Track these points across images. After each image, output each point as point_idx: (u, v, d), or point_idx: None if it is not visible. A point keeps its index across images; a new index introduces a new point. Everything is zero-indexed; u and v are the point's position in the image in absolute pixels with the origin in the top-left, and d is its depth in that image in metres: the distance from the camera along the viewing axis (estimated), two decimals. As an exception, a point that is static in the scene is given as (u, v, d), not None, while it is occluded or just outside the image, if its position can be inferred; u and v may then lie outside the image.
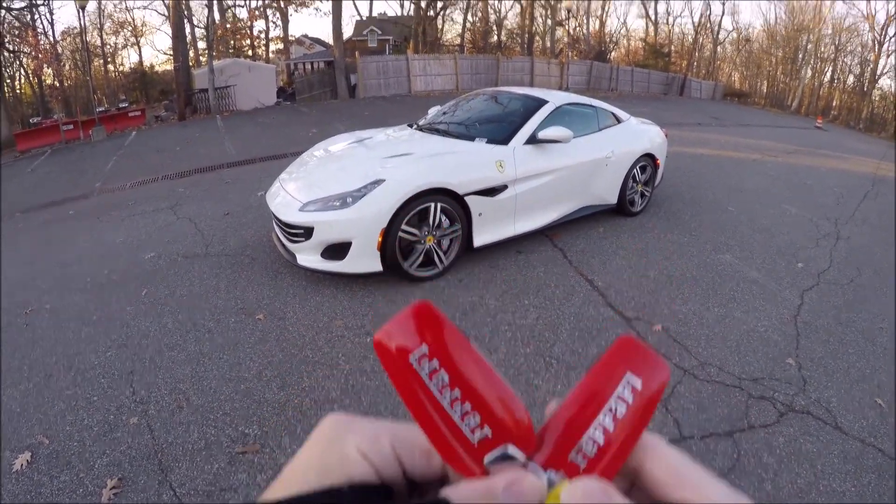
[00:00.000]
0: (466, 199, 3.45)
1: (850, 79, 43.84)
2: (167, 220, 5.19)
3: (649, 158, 4.94)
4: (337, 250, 3.22)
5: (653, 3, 42.49)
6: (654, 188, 5.31)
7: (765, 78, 48.50)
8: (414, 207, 3.24)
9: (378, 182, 3.22)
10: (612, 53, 40.78)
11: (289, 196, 3.45)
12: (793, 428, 2.44)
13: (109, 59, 36.44)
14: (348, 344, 2.91)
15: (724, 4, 43.98)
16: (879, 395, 2.77)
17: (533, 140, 3.91)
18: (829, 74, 44.50)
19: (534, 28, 32.01)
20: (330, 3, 18.59)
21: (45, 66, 23.67)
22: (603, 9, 38.49)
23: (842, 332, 3.36)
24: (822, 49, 42.39)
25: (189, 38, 24.70)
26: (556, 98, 4.42)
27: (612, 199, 4.73)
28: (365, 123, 11.48)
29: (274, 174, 6.74)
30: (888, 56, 39.77)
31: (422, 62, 18.74)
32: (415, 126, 4.70)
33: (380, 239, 3.20)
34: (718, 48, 45.92)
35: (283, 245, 3.55)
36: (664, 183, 5.98)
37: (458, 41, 32.95)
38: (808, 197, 6.95)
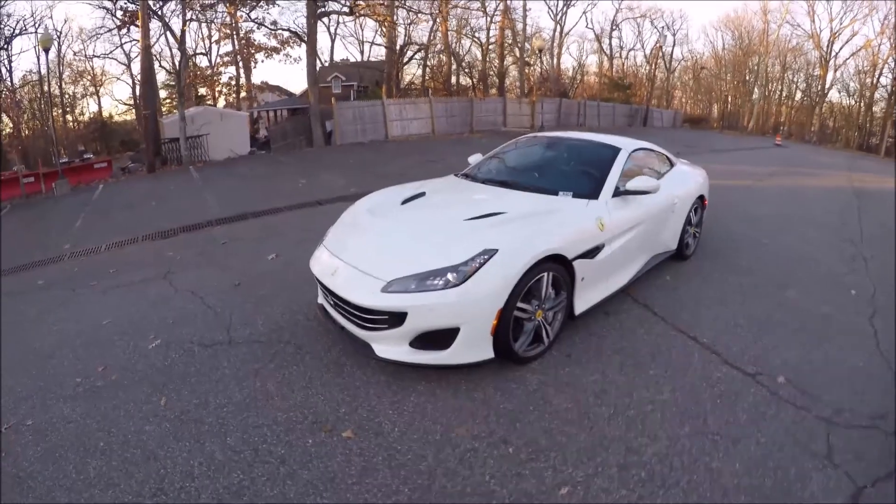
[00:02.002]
0: (574, 263, 2.97)
1: (798, 95, 46.89)
2: (162, 292, 4.38)
3: (699, 200, 4.88)
4: (436, 339, 2.58)
5: (608, 39, 44.62)
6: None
7: (716, 102, 51.39)
8: (528, 280, 2.69)
9: (488, 252, 2.61)
10: (574, 89, 42.25)
11: (355, 270, 2.80)
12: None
13: (68, 109, 34.96)
14: (490, 460, 2.23)
15: (674, 36, 46.50)
16: None
17: (618, 192, 3.54)
18: (777, 93, 47.47)
19: (504, 68, 32.71)
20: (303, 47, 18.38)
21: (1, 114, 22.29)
22: (560, 47, 39.97)
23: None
24: (770, 70, 45.32)
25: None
26: (624, 144, 4.11)
27: (674, 244, 4.48)
28: (353, 172, 11.04)
29: (275, 233, 6.05)
30: (835, 70, 43.18)
31: (397, 107, 18.67)
32: (465, 176, 4.25)
33: (495, 322, 2.60)
34: (672, 76, 48.45)
35: (347, 330, 2.90)
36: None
37: (420, 84, 33.27)
38: (814, 218, 7.37)
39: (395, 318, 2.55)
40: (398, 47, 28.78)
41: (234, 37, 25.72)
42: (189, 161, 15.02)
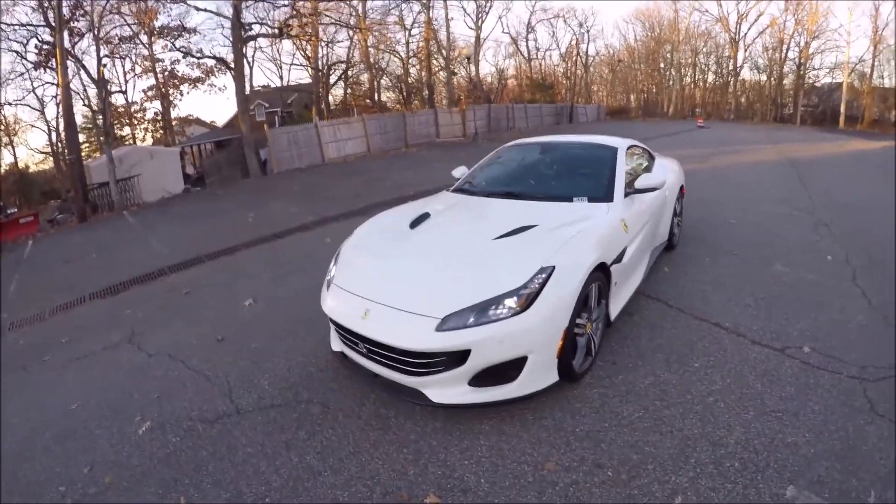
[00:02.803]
0: (611, 269, 2.89)
1: (711, 77, 50.58)
2: (134, 360, 3.79)
3: (680, 190, 5.03)
4: (500, 372, 2.36)
5: (524, 42, 46.13)
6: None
7: (633, 92, 54.50)
8: (584, 294, 2.56)
9: (545, 271, 2.43)
10: (498, 95, 43.23)
11: (395, 311, 2.47)
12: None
13: (-20, 164, 31.57)
14: (594, 489, 2.08)
15: (587, 33, 48.83)
16: None
17: (628, 192, 3.52)
18: (691, 77, 50.96)
19: (431, 79, 32.85)
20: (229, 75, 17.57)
21: None
22: (478, 54, 40.88)
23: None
24: (682, 56, 48.74)
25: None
26: (615, 142, 4.12)
27: (666, 236, 4.55)
28: (302, 199, 10.53)
29: (241, 274, 5.50)
30: (745, 50, 47.21)
31: (331, 128, 18.24)
32: (461, 191, 4.07)
33: (561, 343, 2.44)
34: (589, 72, 50.87)
35: (382, 378, 2.61)
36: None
37: (350, 101, 32.85)
38: (766, 193, 7.91)
39: (455, 358, 2.31)
40: (325, 67, 28.26)
41: (155, 70, 24.25)
42: (122, 205, 13.76)
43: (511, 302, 2.32)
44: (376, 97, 32.51)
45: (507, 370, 2.35)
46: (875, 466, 2.12)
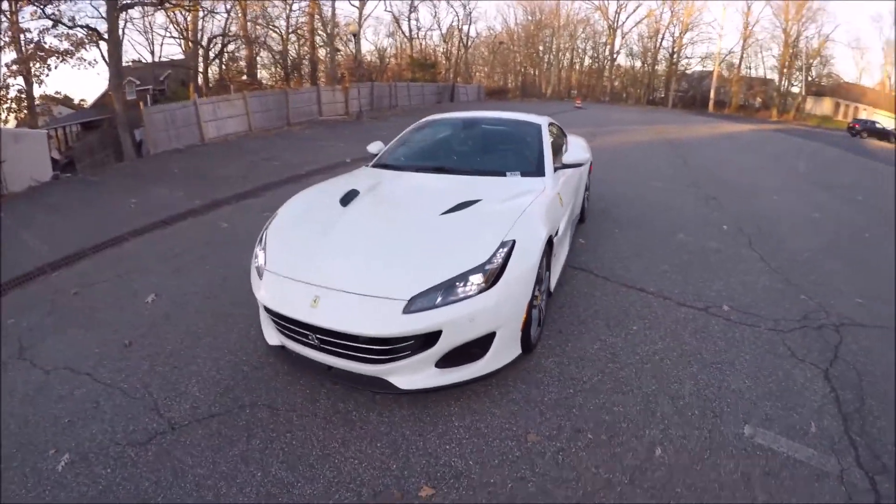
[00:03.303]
0: (553, 241, 2.94)
1: (588, 60, 54.35)
2: (29, 379, 2.97)
3: (589, 166, 5.26)
4: (467, 351, 2.29)
5: (406, 20, 45.71)
6: None
7: (512, 73, 56.97)
8: (540, 268, 2.57)
9: (505, 245, 2.38)
10: (382, 73, 42.51)
11: (352, 295, 2.25)
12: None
13: None
14: (581, 454, 2.16)
15: (469, 15, 49.65)
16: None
17: (556, 167, 3.57)
18: (568, 61, 54.40)
19: (315, 55, 31.19)
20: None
21: None
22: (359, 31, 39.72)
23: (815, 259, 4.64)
24: (561, 41, 51.72)
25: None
26: (535, 118, 4.19)
27: (579, 210, 4.75)
28: (186, 182, 9.30)
29: (134, 268, 4.85)
30: (622, 37, 51.77)
31: (211, 106, 16.60)
32: (384, 166, 3.85)
33: (525, 316, 2.44)
34: (470, 52, 52.05)
35: (336, 370, 2.40)
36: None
37: (229, 77, 30.29)
38: (654, 169, 8.81)
39: (424, 341, 2.20)
40: (206, 40, 25.60)
41: (19, 41, 20.06)
42: (-17, 197, 11.33)
43: (477, 278, 2.26)
44: (256, 73, 30.33)
45: (474, 348, 2.31)
46: (808, 402, 2.51)
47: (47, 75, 25.00)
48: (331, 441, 2.25)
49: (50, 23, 16.23)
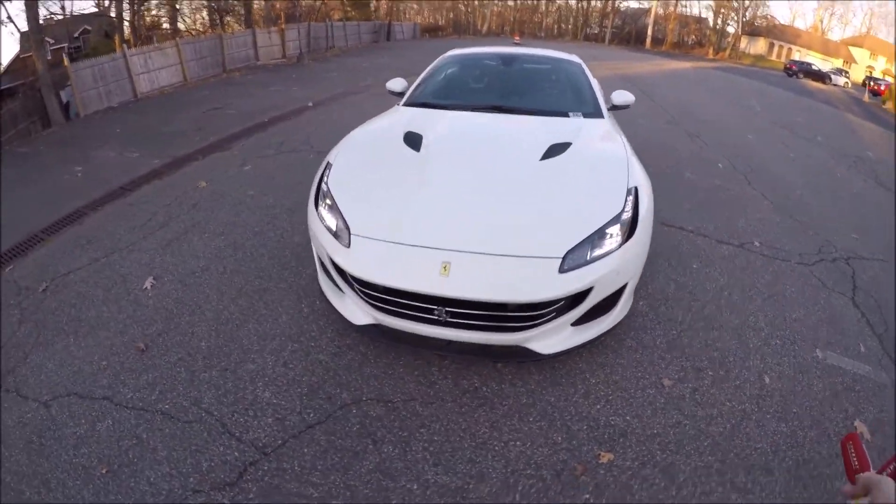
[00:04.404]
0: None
1: None
2: (25, 417, 2.14)
3: None
4: (599, 307, 2.15)
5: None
6: None
7: (447, 10, 55.18)
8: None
9: (631, 192, 2.30)
10: (316, 13, 39.70)
11: (495, 257, 1.97)
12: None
13: None
14: (711, 391, 2.31)
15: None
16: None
17: (609, 108, 3.52)
18: None
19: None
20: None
21: None
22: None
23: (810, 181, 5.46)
24: None
25: None
26: (571, 56, 4.10)
27: None
28: (134, 141, 7.65)
29: (108, 247, 3.84)
30: None
31: (142, 57, 15.00)
32: (424, 105, 3.42)
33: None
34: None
35: (456, 344, 2.12)
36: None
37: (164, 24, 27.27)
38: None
39: (573, 301, 2.02)
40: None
41: None
42: None
43: (614, 230, 2.12)
44: (179, 20, 27.40)
45: (608, 302, 2.18)
46: (851, 326, 2.90)
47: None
48: (477, 427, 2.00)
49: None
